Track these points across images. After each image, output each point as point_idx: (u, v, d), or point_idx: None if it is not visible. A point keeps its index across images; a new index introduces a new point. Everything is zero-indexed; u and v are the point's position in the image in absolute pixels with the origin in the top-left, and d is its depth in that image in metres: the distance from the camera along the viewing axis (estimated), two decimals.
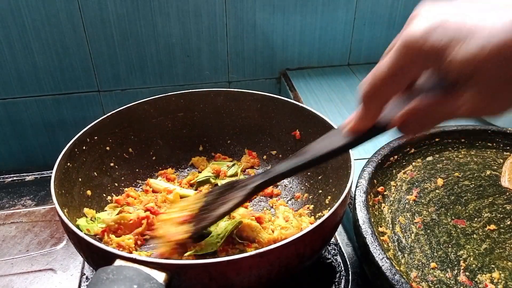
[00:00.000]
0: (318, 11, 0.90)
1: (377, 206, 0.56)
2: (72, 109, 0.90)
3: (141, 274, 0.38)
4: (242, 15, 0.87)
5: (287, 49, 0.94)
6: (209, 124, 0.72)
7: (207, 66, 0.91)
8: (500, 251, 0.50)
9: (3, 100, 0.85)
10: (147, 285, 0.37)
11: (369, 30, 0.94)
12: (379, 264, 0.45)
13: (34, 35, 0.80)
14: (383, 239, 0.51)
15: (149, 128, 0.69)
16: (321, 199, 0.62)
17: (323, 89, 0.90)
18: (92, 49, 0.84)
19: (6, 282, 0.56)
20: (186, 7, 0.84)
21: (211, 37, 0.88)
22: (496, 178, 0.61)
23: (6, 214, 0.68)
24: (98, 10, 0.81)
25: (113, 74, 0.88)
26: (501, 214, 0.55)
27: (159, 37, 0.86)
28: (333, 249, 0.60)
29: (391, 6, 0.92)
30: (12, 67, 0.83)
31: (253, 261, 0.41)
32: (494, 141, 0.66)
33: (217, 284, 0.41)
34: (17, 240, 0.63)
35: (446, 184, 0.60)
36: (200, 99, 0.71)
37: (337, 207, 0.46)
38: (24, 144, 0.91)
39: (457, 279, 0.47)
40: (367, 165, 0.58)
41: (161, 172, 0.69)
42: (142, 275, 0.38)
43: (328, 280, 0.56)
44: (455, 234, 0.52)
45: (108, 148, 0.64)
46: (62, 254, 0.61)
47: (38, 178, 0.76)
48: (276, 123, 0.70)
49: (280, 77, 0.97)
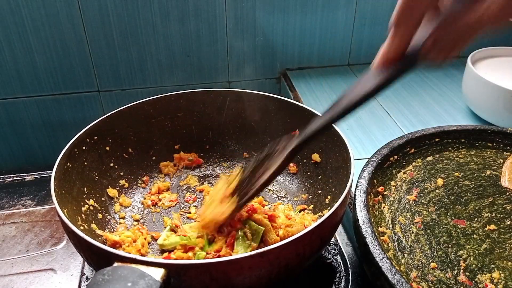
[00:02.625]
0: (318, 11, 0.90)
1: (377, 206, 0.56)
2: (72, 109, 0.90)
3: (135, 272, 0.38)
4: (242, 15, 0.87)
5: (287, 49, 0.94)
6: (209, 124, 0.72)
7: (207, 66, 0.91)
8: (500, 251, 0.50)
9: (3, 100, 0.85)
10: (141, 282, 0.37)
11: (369, 30, 0.94)
12: (379, 264, 0.45)
13: (34, 35, 0.80)
14: (383, 239, 0.51)
15: (149, 128, 0.69)
16: (321, 199, 0.62)
17: (323, 89, 0.90)
18: (92, 49, 0.84)
19: (6, 282, 0.56)
20: (186, 7, 0.84)
21: (211, 37, 0.88)
22: (496, 178, 0.61)
23: (6, 214, 0.68)
24: (98, 10, 0.81)
25: (113, 74, 0.88)
26: (501, 214, 0.55)
27: (159, 37, 0.86)
28: (333, 249, 0.60)
29: (391, 6, 0.92)
30: (12, 67, 0.83)
31: (253, 261, 0.41)
32: (494, 141, 0.66)
33: (217, 284, 0.41)
34: (17, 240, 0.63)
35: (446, 184, 0.60)
36: (200, 99, 0.71)
37: (337, 207, 0.46)
38: (24, 144, 0.91)
39: (457, 279, 0.47)
40: (367, 165, 0.58)
41: (164, 164, 0.70)
42: (137, 273, 0.38)
43: (328, 280, 0.56)
44: (455, 234, 0.52)
45: (108, 148, 0.64)
46: (62, 254, 0.61)
47: (38, 178, 0.76)
48: (276, 123, 0.70)
49: (280, 77, 0.97)
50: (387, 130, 0.76)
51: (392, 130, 0.76)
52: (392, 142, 0.63)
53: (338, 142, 0.59)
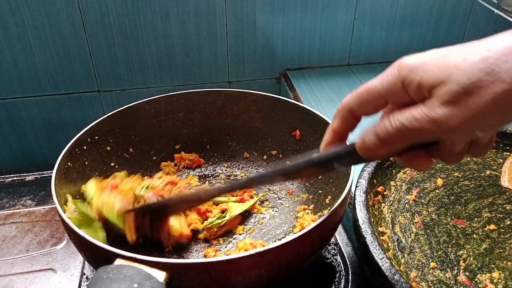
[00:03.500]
0: (318, 11, 0.90)
1: (377, 206, 0.56)
2: (72, 109, 0.90)
3: (141, 273, 0.38)
4: (242, 15, 0.87)
5: (287, 49, 0.94)
6: (209, 124, 0.72)
7: (207, 66, 0.91)
8: (500, 251, 0.50)
9: (3, 100, 0.86)
10: (147, 284, 0.37)
11: (369, 30, 0.94)
12: (379, 264, 0.45)
13: (34, 35, 0.80)
14: (383, 239, 0.51)
15: (149, 128, 0.69)
16: (321, 199, 0.62)
17: (323, 89, 0.90)
18: (92, 49, 0.84)
19: (6, 282, 0.56)
20: (186, 7, 0.84)
21: (211, 37, 0.88)
22: (496, 178, 0.61)
23: (6, 214, 0.68)
24: (98, 10, 0.81)
25: (113, 74, 0.88)
26: (501, 214, 0.55)
27: (159, 37, 0.86)
28: (333, 249, 0.60)
29: (391, 6, 0.92)
30: (12, 67, 0.83)
31: (253, 261, 0.41)
32: (494, 141, 0.66)
33: (217, 284, 0.41)
34: (17, 240, 0.63)
35: (446, 184, 0.60)
36: (200, 99, 0.71)
37: (337, 206, 0.46)
38: (24, 144, 0.91)
39: (457, 279, 0.47)
40: (367, 165, 0.58)
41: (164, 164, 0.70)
42: (142, 274, 0.38)
43: (328, 280, 0.56)
44: (455, 234, 0.52)
45: (108, 148, 0.65)
46: (62, 254, 0.61)
47: (38, 178, 0.76)
48: (276, 123, 0.70)
49: (280, 77, 0.97)
50: None
51: None
52: None
53: None
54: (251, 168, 0.72)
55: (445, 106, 0.29)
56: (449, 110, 0.29)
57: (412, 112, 0.31)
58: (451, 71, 0.29)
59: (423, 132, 0.31)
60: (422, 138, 0.32)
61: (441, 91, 0.29)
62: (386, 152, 0.34)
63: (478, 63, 0.28)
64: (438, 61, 0.30)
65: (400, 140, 0.32)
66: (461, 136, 0.32)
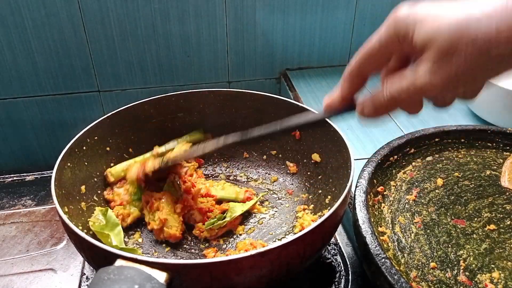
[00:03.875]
0: (318, 11, 0.90)
1: (377, 206, 0.56)
2: (72, 109, 0.90)
3: (142, 274, 0.38)
4: (242, 15, 0.87)
5: (287, 49, 0.94)
6: (209, 124, 0.72)
7: (207, 66, 0.91)
8: (500, 251, 0.50)
9: (3, 100, 0.86)
10: (148, 285, 0.37)
11: (369, 30, 0.94)
12: (379, 264, 0.45)
13: (34, 35, 0.80)
14: (383, 239, 0.51)
15: (149, 128, 0.69)
16: (321, 198, 0.62)
17: (323, 89, 0.90)
18: (92, 49, 0.84)
19: (6, 282, 0.56)
20: (186, 7, 0.84)
21: (211, 37, 0.88)
22: (496, 178, 0.61)
23: (6, 214, 0.68)
24: (98, 10, 0.81)
25: (113, 74, 0.88)
26: (501, 214, 0.55)
27: (159, 37, 0.86)
28: (333, 249, 0.61)
29: (391, 6, 0.91)
30: (12, 67, 0.83)
31: (254, 261, 0.41)
32: (494, 141, 0.66)
33: (218, 284, 0.41)
34: (17, 240, 0.63)
35: (446, 184, 0.60)
36: (200, 99, 0.71)
37: (337, 206, 0.46)
38: (24, 144, 0.91)
39: (457, 279, 0.47)
40: (367, 165, 0.58)
41: None
42: (143, 275, 0.38)
43: (328, 280, 0.56)
44: (455, 234, 0.52)
45: (108, 148, 0.65)
46: (62, 254, 0.61)
47: (38, 178, 0.76)
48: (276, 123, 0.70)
49: (280, 77, 0.97)
50: (387, 130, 0.76)
51: (392, 130, 0.76)
52: (392, 142, 0.63)
53: (338, 142, 0.59)
54: (250, 168, 0.72)
55: (429, 73, 0.33)
56: (433, 77, 0.33)
57: (402, 83, 0.35)
58: (436, 33, 0.32)
59: (411, 100, 0.36)
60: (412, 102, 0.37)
61: (427, 54, 0.33)
62: (382, 115, 0.39)
63: (455, 25, 0.32)
64: (428, 20, 0.33)
65: (393, 107, 0.38)
66: (448, 94, 0.37)
